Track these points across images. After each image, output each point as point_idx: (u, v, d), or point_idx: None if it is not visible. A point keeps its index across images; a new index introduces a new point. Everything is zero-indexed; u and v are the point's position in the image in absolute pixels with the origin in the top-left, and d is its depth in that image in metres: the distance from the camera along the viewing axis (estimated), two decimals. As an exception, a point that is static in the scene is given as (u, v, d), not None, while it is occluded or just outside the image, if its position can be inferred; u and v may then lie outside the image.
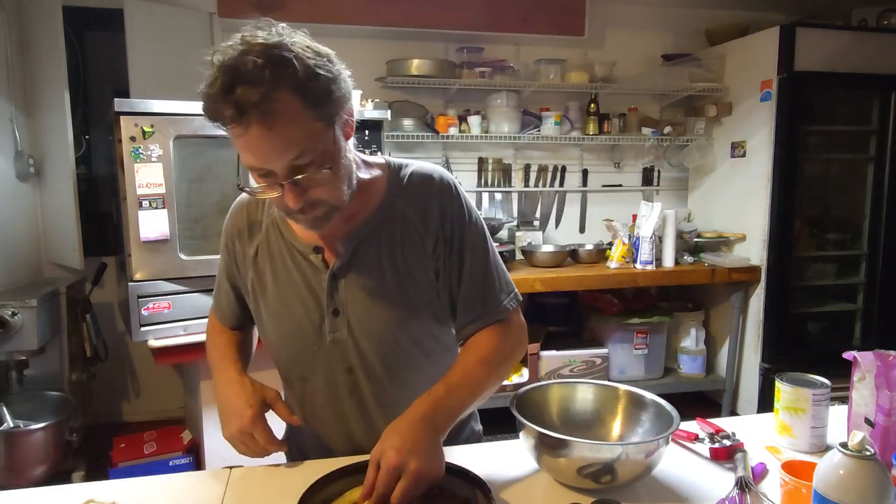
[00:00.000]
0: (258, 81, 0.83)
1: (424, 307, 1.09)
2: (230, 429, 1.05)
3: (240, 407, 1.04)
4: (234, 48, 0.86)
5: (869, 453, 0.76)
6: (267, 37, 0.88)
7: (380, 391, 1.11)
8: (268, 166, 0.90)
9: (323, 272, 1.07)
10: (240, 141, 0.88)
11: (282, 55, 0.85)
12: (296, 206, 0.92)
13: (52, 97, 2.70)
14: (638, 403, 1.11)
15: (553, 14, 3.32)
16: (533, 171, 3.68)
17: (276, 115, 0.85)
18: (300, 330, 1.09)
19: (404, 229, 1.06)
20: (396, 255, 1.06)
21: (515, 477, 1.04)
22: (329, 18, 3.03)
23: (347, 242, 1.06)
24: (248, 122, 0.85)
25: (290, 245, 1.09)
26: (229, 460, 1.16)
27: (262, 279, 1.12)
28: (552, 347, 3.23)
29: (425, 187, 1.08)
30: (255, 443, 1.04)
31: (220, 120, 0.87)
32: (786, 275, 3.24)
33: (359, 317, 1.07)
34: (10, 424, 2.27)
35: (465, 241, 1.08)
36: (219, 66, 0.86)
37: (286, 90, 0.85)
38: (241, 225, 1.14)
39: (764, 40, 3.20)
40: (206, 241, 2.34)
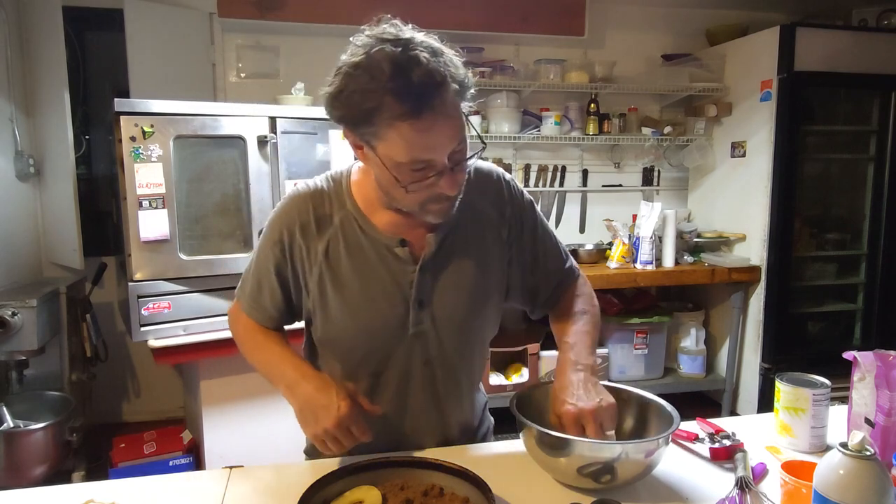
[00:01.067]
0: (435, 74, 0.88)
1: (496, 294, 1.16)
2: (321, 425, 0.99)
3: (332, 402, 0.99)
4: (382, 47, 0.89)
5: (869, 453, 0.76)
6: (396, 33, 0.92)
7: (452, 380, 1.14)
8: (436, 156, 0.93)
9: (410, 265, 1.08)
10: (413, 135, 0.90)
11: (437, 48, 0.92)
12: (456, 190, 0.98)
13: (52, 97, 2.71)
14: (638, 403, 1.11)
15: (553, 14, 3.32)
16: (533, 171, 3.68)
17: (450, 105, 0.91)
18: (384, 323, 1.09)
19: (484, 221, 1.13)
20: (478, 245, 1.12)
21: (515, 477, 1.04)
22: (329, 18, 3.03)
23: (435, 235, 1.08)
24: (430, 114, 0.89)
25: (373, 239, 1.08)
26: (229, 460, 1.16)
27: (336, 274, 1.08)
28: (552, 347, 3.20)
29: (491, 181, 1.16)
30: (349, 436, 1.00)
31: (391, 117, 0.89)
32: (786, 275, 3.24)
33: (444, 307, 1.10)
34: (10, 424, 2.27)
35: (536, 225, 1.19)
36: (385, 62, 0.87)
37: (450, 80, 0.91)
38: (306, 219, 1.09)
39: (764, 40, 3.20)
40: (206, 241, 2.34)
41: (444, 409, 1.16)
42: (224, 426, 2.39)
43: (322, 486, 0.93)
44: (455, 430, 1.19)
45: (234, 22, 2.99)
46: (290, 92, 2.90)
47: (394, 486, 0.97)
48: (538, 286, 1.21)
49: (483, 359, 1.23)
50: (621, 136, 3.61)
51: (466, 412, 1.21)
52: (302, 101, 2.86)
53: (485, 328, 1.17)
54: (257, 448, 2.40)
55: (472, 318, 1.12)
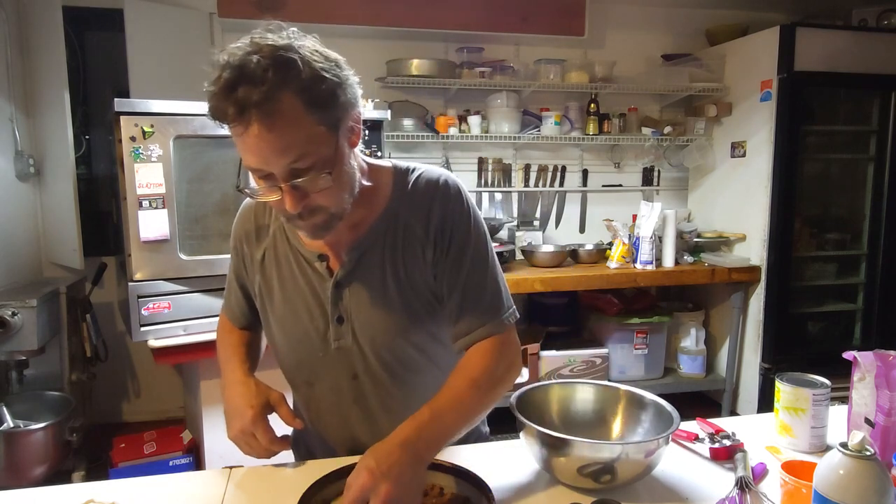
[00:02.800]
0: (260, 81, 0.83)
1: (426, 315, 1.07)
2: (233, 429, 1.05)
3: (242, 407, 1.05)
4: (242, 48, 0.87)
5: (869, 453, 0.76)
6: (276, 39, 0.88)
7: (385, 397, 1.11)
8: (267, 168, 0.89)
9: (327, 280, 1.06)
10: (240, 140, 0.88)
11: (288, 57, 0.85)
12: (294, 210, 0.91)
13: (52, 97, 2.70)
14: (638, 403, 1.11)
15: (553, 14, 3.32)
16: (533, 171, 3.68)
17: (277, 116, 0.84)
18: (306, 336, 1.09)
19: (406, 237, 1.05)
20: (398, 264, 1.05)
21: (516, 477, 1.04)
22: (329, 18, 3.03)
23: (352, 251, 1.05)
24: (248, 121, 0.84)
25: (297, 251, 1.09)
26: (229, 460, 1.16)
27: (268, 284, 1.12)
28: (552, 347, 3.23)
29: (429, 193, 1.05)
30: (257, 443, 1.04)
31: (221, 118, 0.87)
32: (786, 275, 3.24)
33: (362, 325, 1.07)
34: (10, 424, 2.27)
35: (466, 249, 1.05)
36: (224, 64, 0.85)
37: (289, 92, 0.85)
38: (249, 228, 1.14)
39: (764, 40, 3.20)
40: (206, 241, 2.34)
41: (380, 423, 1.10)
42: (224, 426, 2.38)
43: (322, 486, 0.93)
44: None
45: (234, 22, 2.99)
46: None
47: (394, 486, 0.97)
48: (452, 319, 1.07)
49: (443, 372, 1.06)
50: (621, 136, 3.61)
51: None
52: (302, 101, 2.85)
53: (415, 348, 1.09)
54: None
55: (396, 337, 1.06)
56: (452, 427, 0.96)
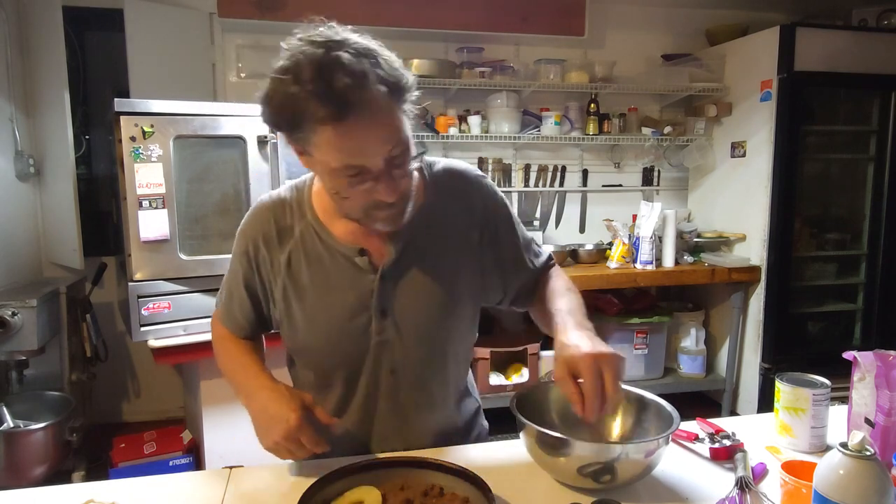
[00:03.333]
0: (357, 75, 0.84)
1: (468, 297, 1.13)
2: (273, 436, 1.00)
3: (282, 413, 0.99)
4: (308, 48, 0.86)
5: (869, 453, 0.76)
6: (328, 35, 0.88)
7: (420, 389, 1.12)
8: (366, 161, 0.89)
9: (370, 273, 1.06)
10: (339, 139, 0.87)
11: (366, 47, 0.88)
12: (393, 197, 0.93)
13: (52, 97, 2.71)
14: (638, 403, 1.11)
15: (553, 14, 3.32)
16: (533, 171, 3.68)
17: (377, 108, 0.87)
18: (344, 333, 1.08)
19: (451, 224, 1.09)
20: (443, 252, 1.09)
21: (515, 477, 1.04)
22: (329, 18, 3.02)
23: (395, 242, 1.05)
24: (354, 116, 0.85)
25: (332, 248, 1.07)
26: (229, 460, 1.16)
27: (297, 285, 1.09)
28: (552, 347, 3.22)
29: (463, 182, 1.12)
30: (300, 447, 1.00)
31: (313, 121, 0.86)
32: (786, 275, 3.24)
33: (407, 316, 1.07)
34: (10, 424, 2.27)
35: (511, 225, 1.16)
36: (307, 65, 0.85)
37: (378, 83, 0.86)
38: (268, 230, 1.10)
39: (764, 40, 3.20)
40: (205, 241, 2.34)
41: (408, 418, 1.13)
42: (224, 426, 2.39)
43: (322, 486, 0.93)
44: (428, 439, 1.15)
45: (234, 22, 2.99)
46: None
47: (394, 486, 0.97)
48: (521, 283, 1.18)
49: (461, 366, 1.19)
50: (621, 136, 3.61)
51: (438, 422, 1.17)
52: (302, 101, 2.85)
53: (455, 336, 1.13)
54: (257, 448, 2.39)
55: (438, 326, 1.09)
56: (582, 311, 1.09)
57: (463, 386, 1.23)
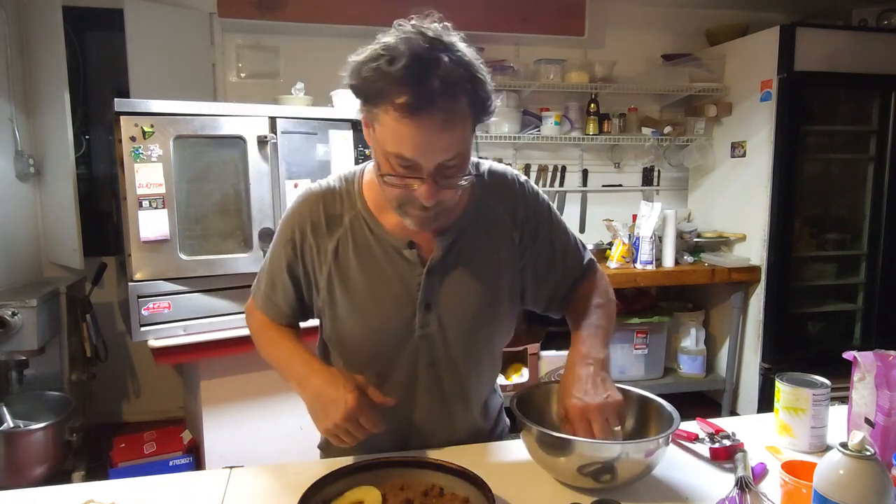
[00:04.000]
0: (452, 81, 0.87)
1: (508, 299, 1.15)
2: (332, 419, 0.99)
3: (340, 395, 1.00)
4: (416, 38, 0.88)
5: (869, 453, 0.76)
6: (438, 33, 0.91)
7: (458, 383, 1.14)
8: (421, 161, 0.91)
9: (418, 267, 1.07)
10: (406, 129, 0.88)
11: (468, 60, 0.90)
12: (430, 202, 0.94)
13: (52, 97, 2.70)
14: (638, 403, 1.11)
15: (553, 14, 3.32)
16: (533, 171, 3.68)
17: (456, 116, 0.89)
18: (389, 324, 1.09)
19: (496, 224, 1.12)
20: (488, 250, 1.11)
21: (515, 476, 1.04)
22: (329, 18, 3.03)
23: (444, 238, 1.07)
24: (431, 117, 0.87)
25: (381, 240, 1.08)
26: (229, 460, 1.16)
27: (344, 274, 1.09)
28: (552, 347, 3.23)
29: (506, 184, 1.15)
30: (359, 428, 1.00)
31: (390, 102, 0.88)
32: (786, 275, 3.24)
33: (450, 310, 1.09)
34: (10, 424, 2.27)
35: (552, 227, 1.18)
36: (408, 52, 0.87)
37: (466, 94, 0.89)
38: (317, 218, 1.10)
39: (764, 40, 3.20)
40: (206, 241, 2.34)
41: (451, 412, 1.16)
42: (224, 426, 2.39)
43: (322, 486, 0.93)
44: (462, 433, 1.19)
45: (234, 22, 2.99)
46: (290, 92, 2.89)
47: (394, 486, 0.97)
48: (556, 287, 1.20)
49: (495, 363, 1.22)
50: (621, 136, 3.61)
51: (475, 416, 1.20)
52: (302, 101, 2.85)
53: (494, 333, 1.16)
54: (257, 448, 2.40)
55: (480, 323, 1.12)
56: (607, 329, 1.13)
57: (490, 383, 1.26)
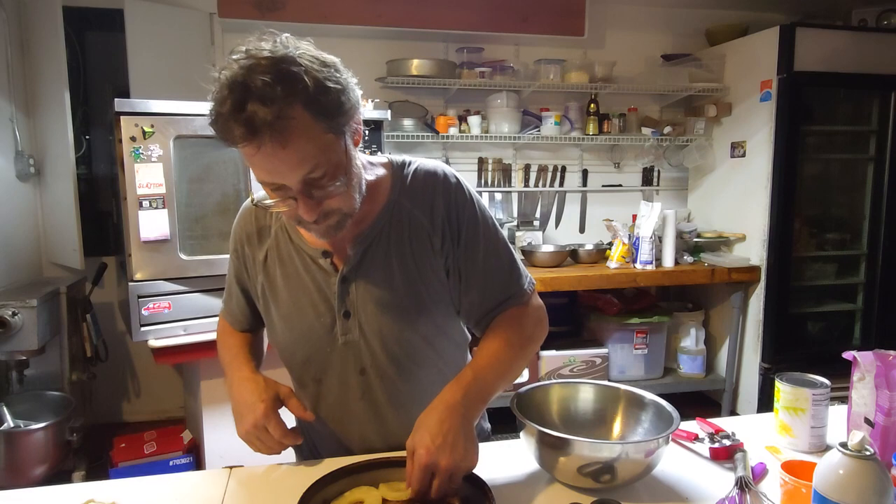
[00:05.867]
0: (269, 99, 0.82)
1: (434, 305, 1.09)
2: (244, 425, 1.04)
3: (252, 402, 1.04)
4: (241, 64, 0.85)
5: (869, 453, 0.76)
6: (273, 49, 0.86)
7: (392, 391, 1.11)
8: (281, 181, 0.90)
9: (333, 275, 1.07)
10: (252, 158, 0.88)
11: (291, 70, 0.84)
12: (311, 217, 0.93)
13: (52, 97, 2.70)
14: (638, 403, 1.11)
15: (553, 14, 3.32)
16: (533, 171, 3.68)
17: (289, 133, 0.84)
18: (312, 332, 1.10)
19: (412, 228, 1.06)
20: (405, 255, 1.06)
21: (515, 476, 1.04)
22: (329, 18, 3.03)
23: (356, 245, 1.06)
24: (260, 141, 0.84)
25: (300, 249, 1.10)
26: (229, 460, 1.16)
27: (272, 283, 1.13)
28: (552, 347, 3.23)
29: (429, 184, 1.08)
30: (269, 437, 1.03)
31: (230, 139, 0.86)
32: (785, 275, 3.24)
33: (370, 318, 1.07)
34: (10, 424, 2.27)
35: (477, 234, 1.08)
36: (227, 83, 0.84)
37: (298, 106, 0.84)
38: (250, 229, 1.15)
39: (764, 40, 3.20)
40: (206, 241, 2.34)
41: (387, 418, 1.12)
42: (224, 426, 2.39)
43: (322, 486, 0.93)
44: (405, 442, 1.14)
45: (234, 22, 2.99)
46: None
47: (394, 486, 0.97)
48: (473, 304, 1.10)
49: (449, 367, 1.13)
50: (621, 136, 3.61)
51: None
52: (302, 101, 2.85)
53: (422, 340, 1.10)
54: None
55: (403, 331, 1.08)
56: (493, 384, 1.02)
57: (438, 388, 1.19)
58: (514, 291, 1.11)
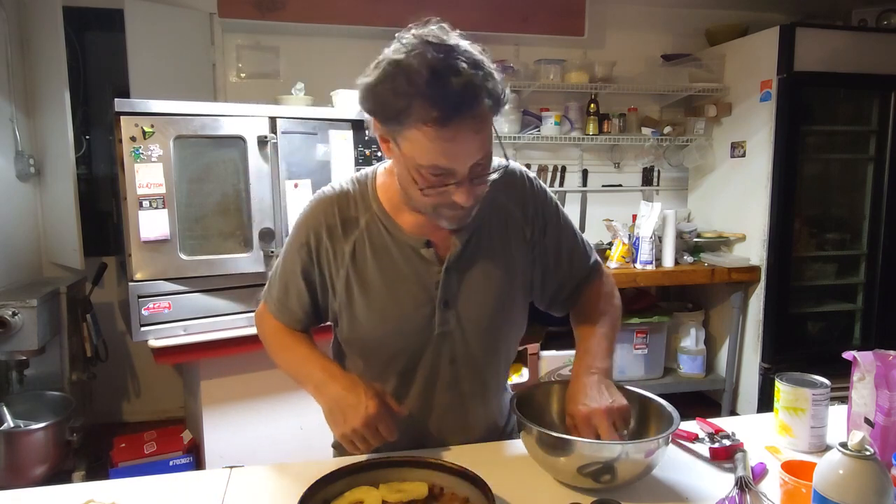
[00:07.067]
0: (472, 85, 0.87)
1: (522, 292, 1.17)
2: (350, 424, 1.01)
3: (360, 401, 1.01)
4: (420, 49, 0.89)
5: (869, 453, 0.76)
6: (440, 36, 0.92)
7: (477, 379, 1.15)
8: (456, 165, 0.92)
9: (436, 265, 1.08)
10: (436, 142, 0.89)
11: (479, 59, 0.91)
12: (470, 203, 0.96)
13: (52, 97, 2.70)
14: (638, 403, 1.11)
15: (553, 14, 3.32)
16: (533, 171, 3.66)
17: (483, 119, 0.91)
18: (408, 324, 1.10)
19: (509, 221, 1.14)
20: (505, 246, 1.13)
21: (515, 477, 1.04)
22: (329, 18, 3.03)
23: (461, 235, 1.08)
24: (460, 125, 0.88)
25: (398, 240, 1.09)
26: (229, 460, 1.16)
27: (362, 276, 1.10)
28: (552, 347, 3.23)
29: (517, 181, 1.17)
30: (377, 435, 1.02)
31: (419, 121, 0.88)
32: (785, 275, 3.24)
33: (468, 307, 1.10)
34: (10, 424, 2.27)
35: (559, 222, 1.19)
36: (421, 66, 0.87)
37: (486, 95, 0.90)
38: (332, 222, 1.10)
39: (764, 40, 3.20)
40: (206, 241, 2.34)
41: (469, 408, 1.16)
42: (224, 426, 2.39)
43: (322, 486, 0.93)
44: (480, 429, 1.19)
45: (234, 22, 2.99)
46: (290, 92, 2.90)
47: (394, 486, 0.97)
48: (561, 285, 1.22)
49: (509, 359, 1.23)
50: (621, 136, 3.61)
51: (492, 412, 1.21)
52: (302, 101, 2.85)
53: (511, 328, 1.18)
54: (257, 448, 2.40)
55: (498, 319, 1.13)
56: (611, 338, 1.16)
57: (505, 378, 1.27)
58: (592, 265, 1.25)
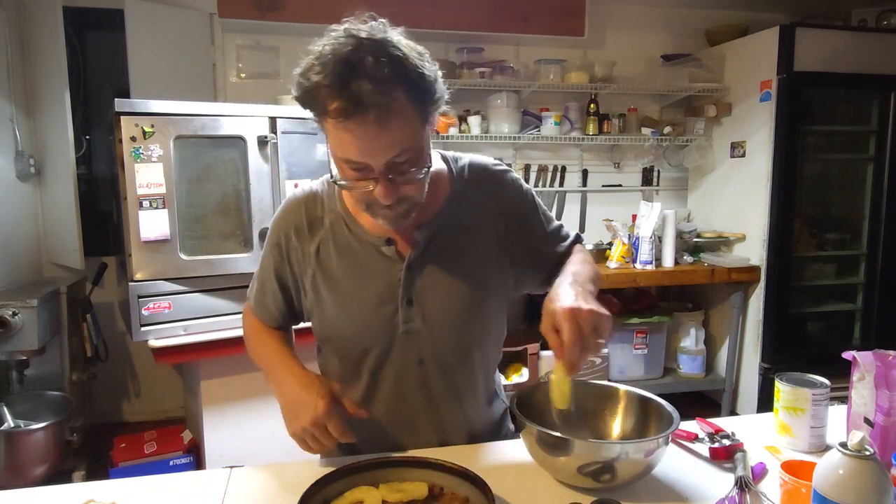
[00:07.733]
0: (377, 79, 0.85)
1: (496, 289, 1.14)
2: (300, 422, 1.01)
3: (311, 399, 1.01)
4: (343, 41, 0.87)
5: (868, 453, 0.77)
6: (371, 31, 0.89)
7: (447, 381, 1.13)
8: (368, 161, 0.91)
9: (397, 263, 1.08)
10: (345, 134, 0.89)
11: (397, 53, 0.88)
12: (388, 201, 0.94)
13: (52, 97, 2.71)
14: (638, 403, 1.11)
15: (553, 14, 3.32)
16: (533, 171, 3.68)
17: (391, 114, 0.87)
18: (373, 322, 1.09)
19: (478, 216, 1.12)
20: (472, 242, 1.11)
21: (515, 476, 1.04)
22: (329, 18, 2.98)
23: (422, 232, 1.07)
24: (363, 118, 0.86)
25: (360, 238, 1.09)
26: (229, 460, 1.16)
27: (327, 275, 1.11)
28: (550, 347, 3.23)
29: (488, 175, 1.15)
30: (326, 435, 1.01)
31: (324, 111, 0.88)
32: (785, 275, 3.24)
33: (434, 306, 1.08)
34: (10, 424, 2.27)
35: (536, 211, 1.19)
36: (333, 57, 0.86)
37: (401, 89, 0.88)
38: (299, 222, 1.12)
39: (764, 40, 3.20)
40: (206, 241, 2.34)
41: (442, 412, 1.14)
42: (224, 426, 2.39)
43: (322, 486, 0.93)
44: (461, 435, 1.17)
45: (234, 22, 2.99)
46: (290, 92, 2.88)
47: (393, 486, 0.97)
48: (547, 270, 1.19)
49: (490, 360, 1.21)
50: (621, 136, 3.61)
51: (471, 418, 1.18)
52: (302, 102, 2.85)
53: (483, 331, 1.15)
54: (257, 448, 2.40)
55: (466, 317, 1.11)
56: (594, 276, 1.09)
57: (492, 385, 1.25)
58: (570, 241, 1.23)
